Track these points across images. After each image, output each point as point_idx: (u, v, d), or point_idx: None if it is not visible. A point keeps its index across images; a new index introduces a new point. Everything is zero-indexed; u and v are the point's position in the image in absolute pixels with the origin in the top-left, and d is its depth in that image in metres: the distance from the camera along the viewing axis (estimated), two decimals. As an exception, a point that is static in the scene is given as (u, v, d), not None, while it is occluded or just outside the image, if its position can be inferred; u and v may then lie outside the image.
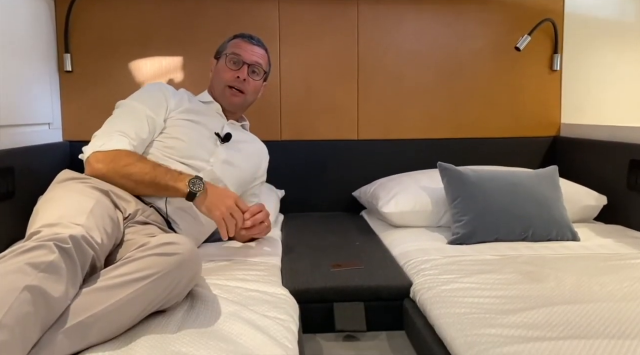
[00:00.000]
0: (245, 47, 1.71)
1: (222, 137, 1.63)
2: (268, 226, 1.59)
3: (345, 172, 2.43)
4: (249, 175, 1.73)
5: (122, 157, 1.41)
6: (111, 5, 2.28)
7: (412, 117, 2.45)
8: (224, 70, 1.69)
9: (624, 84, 2.46)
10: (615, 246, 1.69)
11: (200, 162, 1.57)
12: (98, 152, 1.42)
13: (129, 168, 1.39)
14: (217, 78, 1.72)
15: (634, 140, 1.94)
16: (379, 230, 2.04)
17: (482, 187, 1.83)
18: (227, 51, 1.71)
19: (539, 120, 2.47)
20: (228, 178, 1.61)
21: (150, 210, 1.43)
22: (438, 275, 1.43)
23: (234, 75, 1.67)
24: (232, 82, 1.68)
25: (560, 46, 2.42)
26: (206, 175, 1.53)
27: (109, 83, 2.30)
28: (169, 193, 1.41)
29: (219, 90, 1.71)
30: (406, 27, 2.40)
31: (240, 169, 1.67)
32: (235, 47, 1.71)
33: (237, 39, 1.74)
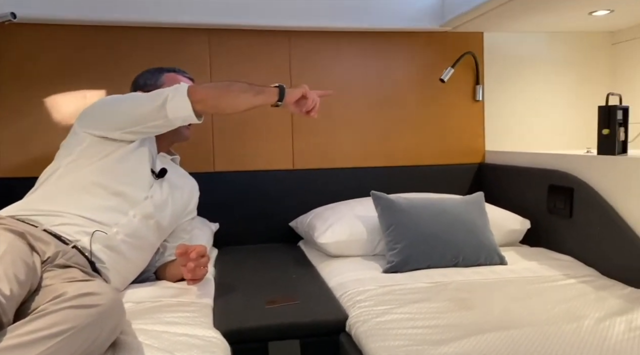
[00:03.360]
0: (187, 82, 1.67)
1: (157, 173, 1.56)
2: (206, 272, 1.54)
3: (282, 203, 2.42)
4: (180, 210, 1.67)
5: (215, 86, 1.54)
6: (33, 35, 2.17)
7: (346, 146, 2.48)
8: None
9: (539, 112, 2.63)
10: (539, 269, 1.77)
11: (135, 197, 1.48)
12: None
13: (230, 87, 1.50)
14: None
15: (552, 166, 2.06)
16: (316, 261, 2.02)
17: (414, 215, 1.87)
18: (167, 85, 1.61)
19: (465, 148, 2.58)
20: (162, 215, 1.54)
21: (72, 252, 1.33)
22: (373, 306, 1.43)
23: None
24: None
25: (482, 78, 2.55)
26: (140, 211, 1.47)
27: (29, 116, 2.18)
28: (263, 96, 1.49)
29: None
30: (337, 59, 2.45)
31: (173, 204, 1.61)
32: (176, 81, 1.64)
33: (172, 74, 1.70)
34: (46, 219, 1.35)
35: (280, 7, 2.30)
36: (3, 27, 2.07)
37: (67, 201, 1.40)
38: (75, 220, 1.38)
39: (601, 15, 2.20)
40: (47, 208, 1.38)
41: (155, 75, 1.70)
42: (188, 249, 1.43)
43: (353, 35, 2.45)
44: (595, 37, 2.62)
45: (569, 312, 1.36)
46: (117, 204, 1.44)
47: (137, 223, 1.46)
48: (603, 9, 2.13)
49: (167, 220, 1.58)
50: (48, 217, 1.36)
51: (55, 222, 1.35)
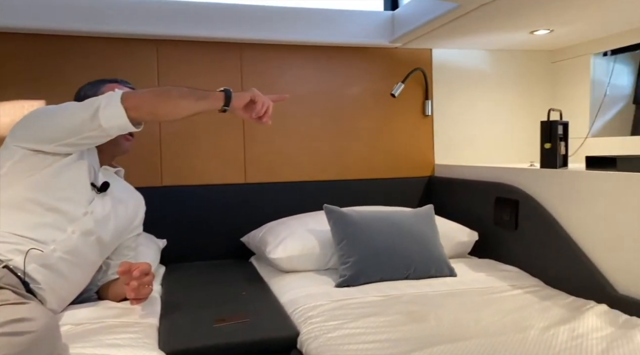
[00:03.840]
0: None
1: (98, 187, 1.48)
2: (151, 290, 1.48)
3: (233, 217, 2.37)
4: (124, 227, 1.59)
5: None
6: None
7: (299, 159, 2.47)
8: None
9: (485, 126, 2.71)
10: (487, 280, 1.81)
11: (74, 213, 1.40)
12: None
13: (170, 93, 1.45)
14: None
15: (498, 179, 2.12)
16: (268, 276, 1.99)
17: (366, 229, 1.87)
18: None
19: (416, 161, 2.62)
20: (104, 230, 1.47)
21: (2, 272, 1.24)
22: (324, 322, 1.41)
23: None
24: None
25: (431, 93, 2.61)
26: (78, 228, 1.39)
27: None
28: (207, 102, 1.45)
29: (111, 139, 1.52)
30: (290, 72, 2.45)
31: (116, 220, 1.53)
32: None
33: (112, 84, 1.62)
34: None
35: (231, 19, 2.28)
36: None
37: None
38: (8, 238, 1.29)
39: (541, 34, 2.31)
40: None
41: (95, 87, 1.62)
42: (131, 266, 1.37)
43: (306, 48, 2.46)
44: (537, 55, 2.74)
45: (515, 322, 1.38)
46: (54, 221, 1.36)
47: (77, 239, 1.39)
48: (543, 29, 2.23)
49: (109, 237, 1.50)
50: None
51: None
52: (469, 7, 1.88)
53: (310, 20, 2.38)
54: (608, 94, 2.50)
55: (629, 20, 2.09)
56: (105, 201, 1.50)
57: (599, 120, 2.51)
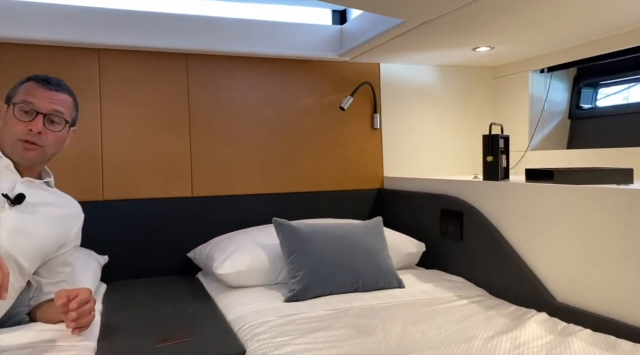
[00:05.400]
0: (40, 94, 1.42)
1: (11, 199, 1.35)
2: (93, 317, 1.38)
3: (179, 232, 2.30)
4: (50, 242, 1.46)
5: None
6: None
7: (247, 172, 2.44)
8: (14, 122, 1.41)
9: (431, 139, 2.77)
10: (434, 291, 1.83)
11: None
12: None
13: None
14: (7, 130, 1.42)
15: (444, 192, 2.16)
16: (215, 293, 1.93)
17: (315, 242, 1.86)
18: (17, 99, 1.42)
19: (365, 174, 2.64)
20: (19, 249, 1.35)
21: None
22: (272, 338, 1.38)
23: (25, 128, 1.40)
24: (24, 136, 1.40)
25: (379, 106, 2.65)
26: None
27: None
28: None
29: (9, 144, 1.42)
30: (237, 83, 2.42)
31: (37, 236, 1.40)
32: (27, 93, 1.42)
33: (30, 83, 1.45)
34: None
35: (177, 29, 2.24)
36: None
37: None
38: None
39: (483, 51, 2.39)
40: None
41: (16, 86, 1.47)
42: (69, 295, 1.29)
43: (254, 60, 2.44)
44: (479, 71, 2.84)
45: (460, 333, 1.40)
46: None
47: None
48: (484, 46, 2.31)
49: (26, 252, 1.37)
50: None
51: None
52: (413, 24, 1.93)
53: (259, 32, 2.37)
54: (546, 109, 2.63)
55: (564, 40, 2.21)
56: (22, 215, 1.37)
57: (538, 134, 2.63)
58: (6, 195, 1.35)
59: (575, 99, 2.66)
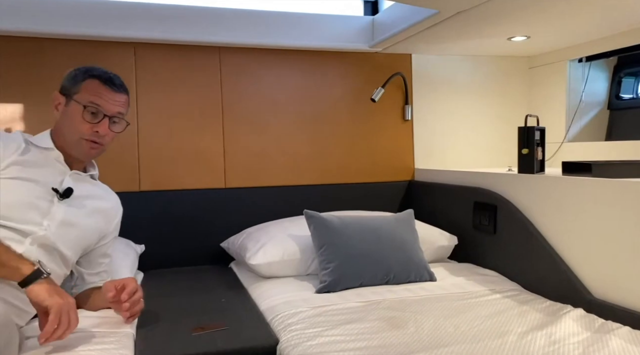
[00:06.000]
0: (106, 96, 1.44)
1: (60, 193, 1.41)
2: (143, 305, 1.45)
3: (213, 223, 2.34)
4: (93, 234, 1.52)
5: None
6: None
7: (279, 164, 2.46)
8: (79, 122, 1.43)
9: (464, 131, 2.73)
10: (466, 284, 1.82)
11: (30, 225, 1.34)
12: None
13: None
14: (70, 126, 1.44)
15: (477, 184, 2.14)
16: (247, 282, 1.97)
17: (346, 234, 1.87)
18: (82, 98, 1.43)
19: (395, 166, 2.63)
20: (65, 241, 1.40)
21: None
22: (304, 329, 1.40)
23: (91, 129, 1.43)
24: (90, 136, 1.44)
25: (410, 98, 2.63)
26: (36, 240, 1.32)
27: None
28: (2, 272, 1.20)
29: (70, 140, 1.45)
30: (269, 75, 2.44)
31: (83, 228, 1.46)
32: (94, 94, 1.43)
33: (95, 81, 1.45)
34: None
35: (210, 22, 2.26)
36: None
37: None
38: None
39: (519, 41, 2.34)
40: None
41: (76, 78, 1.46)
42: (116, 287, 1.37)
43: (286, 52, 2.45)
44: (514, 61, 2.78)
45: (494, 327, 1.39)
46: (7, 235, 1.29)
47: (36, 252, 1.32)
48: (521, 36, 2.26)
49: (70, 244, 1.43)
50: None
51: None
52: (447, 14, 1.90)
53: (291, 25, 2.37)
54: (584, 100, 2.55)
55: (604, 28, 2.14)
56: (70, 209, 1.43)
57: (575, 125, 2.56)
58: (56, 190, 1.40)
59: (615, 89, 2.58)
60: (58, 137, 1.47)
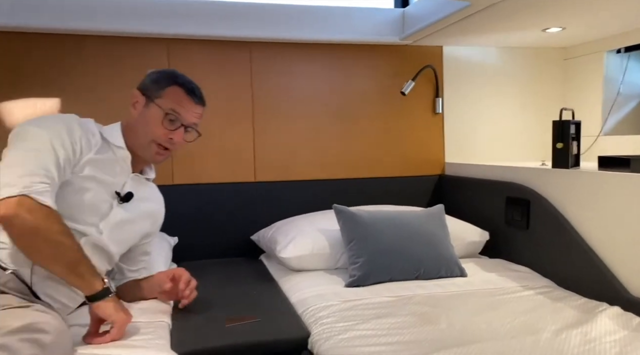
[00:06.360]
0: (187, 106, 1.46)
1: (121, 197, 1.43)
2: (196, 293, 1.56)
3: (243, 215, 2.37)
4: (140, 235, 1.55)
5: (54, 219, 1.21)
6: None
7: (307, 158, 2.47)
8: (156, 125, 1.43)
9: (496, 124, 2.69)
10: (498, 280, 1.80)
11: (87, 226, 1.36)
12: (29, 199, 1.17)
13: (61, 237, 1.20)
14: (145, 127, 1.44)
15: (509, 179, 2.10)
16: (278, 275, 1.99)
17: (376, 229, 1.87)
18: (164, 104, 1.43)
19: (425, 160, 2.61)
20: (114, 242, 1.43)
21: (7, 277, 1.20)
22: (335, 323, 1.41)
23: (166, 135, 1.44)
24: (163, 142, 1.45)
25: (441, 91, 2.60)
26: (87, 241, 1.34)
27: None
28: (77, 281, 1.22)
29: (142, 141, 1.45)
30: (298, 69, 2.45)
31: (133, 231, 1.49)
32: (177, 103, 1.44)
33: (179, 89, 1.45)
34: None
35: (241, 18, 2.28)
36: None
37: None
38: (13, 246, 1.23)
39: (554, 32, 2.28)
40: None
41: (160, 83, 1.46)
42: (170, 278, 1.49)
43: (315, 46, 2.45)
44: (548, 52, 2.71)
45: (527, 324, 1.38)
46: None
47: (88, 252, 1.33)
48: (556, 27, 2.20)
49: (119, 245, 1.46)
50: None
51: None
52: (479, 6, 1.86)
53: (320, 18, 2.37)
54: (621, 92, 2.47)
55: (643, 18, 2.07)
56: (125, 212, 1.45)
57: (612, 118, 2.48)
58: (118, 194, 1.42)
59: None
60: (129, 135, 1.46)
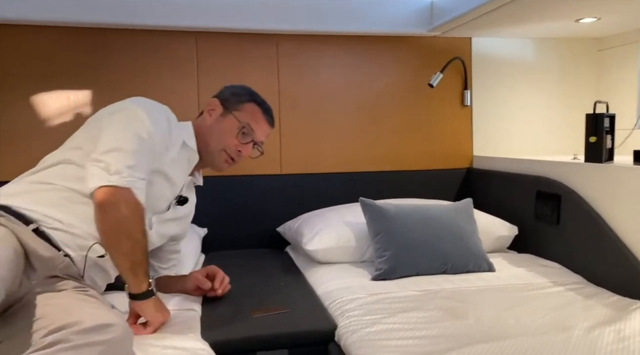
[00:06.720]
0: (263, 126, 1.53)
1: (178, 200, 1.46)
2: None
3: (269, 207, 2.39)
4: (171, 235, 1.55)
5: (142, 217, 1.25)
6: (9, 35, 2.13)
7: (333, 151, 2.47)
8: (231, 135, 1.48)
9: (526, 117, 2.64)
10: (527, 276, 1.77)
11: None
12: (130, 193, 1.22)
13: (141, 236, 1.23)
14: (219, 135, 1.48)
15: (540, 173, 2.06)
16: (304, 267, 2.01)
17: (403, 222, 1.86)
18: (242, 117, 1.49)
19: (453, 153, 2.58)
20: (159, 235, 1.46)
21: (65, 261, 1.19)
22: (362, 316, 1.42)
23: (237, 147, 1.49)
24: (231, 151, 1.49)
25: (470, 83, 2.56)
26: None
27: (6, 119, 2.14)
28: (130, 278, 1.23)
29: (213, 148, 1.49)
30: (325, 62, 2.44)
31: (169, 231, 1.51)
32: (253, 119, 1.50)
33: (257, 108, 1.52)
34: (41, 218, 1.21)
35: (268, 11, 2.28)
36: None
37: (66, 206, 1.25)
38: (73, 229, 1.24)
39: (587, 22, 2.22)
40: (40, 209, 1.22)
41: (241, 97, 1.52)
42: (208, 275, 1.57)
43: (341, 39, 2.44)
44: (581, 43, 2.64)
45: (558, 321, 1.36)
46: None
47: None
48: (590, 17, 2.14)
49: (160, 241, 1.50)
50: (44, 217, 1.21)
51: (51, 225, 1.21)
52: (512, -4, 1.83)
53: (347, 10, 2.35)
54: (658, 84, 2.40)
55: (683, 7, 1.99)
56: (174, 213, 1.48)
57: (648, 111, 2.41)
58: (179, 197, 1.46)
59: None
60: (200, 139, 1.49)
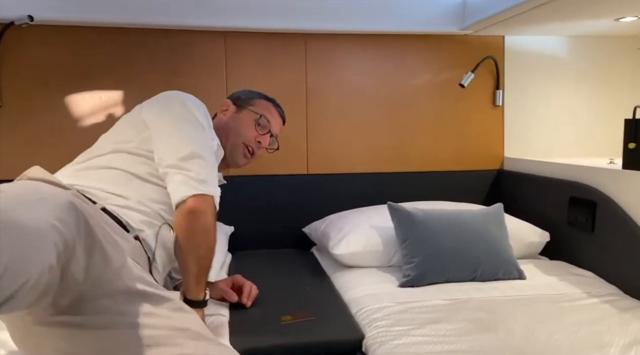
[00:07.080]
0: (277, 119, 1.66)
1: None
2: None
3: (295, 207, 2.39)
4: None
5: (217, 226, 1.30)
6: (44, 37, 2.16)
7: (361, 150, 2.45)
8: (248, 127, 1.57)
9: (560, 118, 2.56)
10: (560, 285, 1.73)
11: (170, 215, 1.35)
12: (214, 202, 1.28)
13: (215, 245, 1.28)
14: (237, 128, 1.56)
15: (574, 178, 2.00)
16: (330, 270, 2.00)
17: (431, 228, 1.83)
18: (258, 110, 1.59)
19: (483, 154, 2.53)
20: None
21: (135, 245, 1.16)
22: (390, 326, 1.40)
23: (256, 137, 1.58)
24: (251, 144, 1.57)
25: (502, 82, 2.49)
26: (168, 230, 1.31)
27: (42, 119, 2.18)
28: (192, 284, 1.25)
29: (233, 142, 1.56)
30: (354, 61, 2.41)
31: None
32: (268, 112, 1.62)
33: (269, 103, 1.65)
34: (105, 196, 1.17)
35: (296, 10, 2.26)
36: (17, 29, 2.06)
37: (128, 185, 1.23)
38: (140, 206, 1.20)
39: (628, 21, 2.13)
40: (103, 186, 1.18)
41: (252, 95, 1.65)
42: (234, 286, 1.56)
43: (370, 37, 2.40)
44: (620, 41, 2.54)
45: (593, 337, 1.32)
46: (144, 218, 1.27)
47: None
48: (631, 16, 2.06)
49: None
50: (108, 195, 1.17)
51: (117, 203, 1.17)
52: (549, -4, 1.76)
53: (377, 9, 2.31)
54: (702, 84, 2.29)
55: None
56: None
57: (690, 112, 2.31)
58: None
59: None
60: (222, 136, 1.53)
